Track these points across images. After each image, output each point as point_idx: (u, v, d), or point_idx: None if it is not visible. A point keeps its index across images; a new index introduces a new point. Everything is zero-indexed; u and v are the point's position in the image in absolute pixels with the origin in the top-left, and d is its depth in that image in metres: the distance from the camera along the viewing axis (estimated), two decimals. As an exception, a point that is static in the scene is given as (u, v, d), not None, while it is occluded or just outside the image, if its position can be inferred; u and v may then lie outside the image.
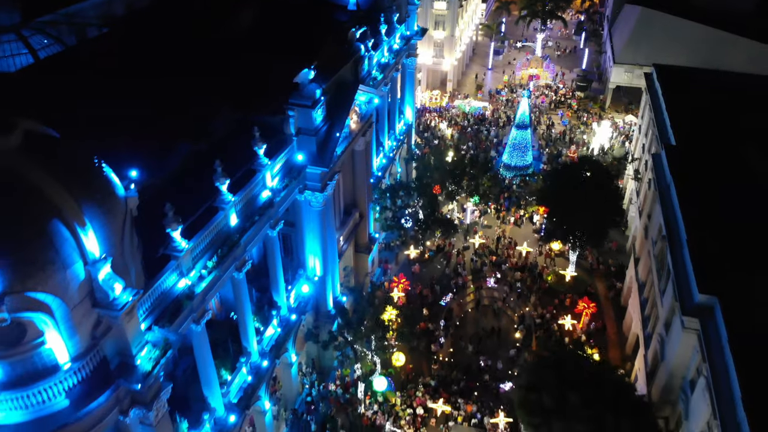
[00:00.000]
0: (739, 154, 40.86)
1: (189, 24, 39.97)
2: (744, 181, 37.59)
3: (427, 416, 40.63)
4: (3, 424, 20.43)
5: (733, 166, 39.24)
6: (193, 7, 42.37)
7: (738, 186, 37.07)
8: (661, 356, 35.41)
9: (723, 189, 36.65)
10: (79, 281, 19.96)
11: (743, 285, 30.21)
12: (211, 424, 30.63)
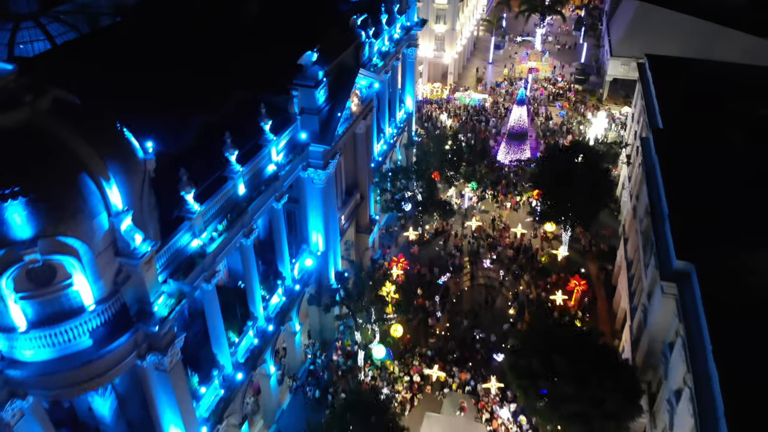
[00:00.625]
0: (724, 137, 42.70)
1: (198, 14, 42.15)
2: (726, 161, 39.43)
3: (423, 383, 42.75)
4: (32, 360, 22.65)
5: (717, 148, 41.05)
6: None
7: (720, 165, 38.92)
8: (644, 324, 37.48)
9: (705, 168, 38.53)
10: (103, 230, 22.17)
11: (718, 253, 32.12)
12: (220, 380, 32.84)
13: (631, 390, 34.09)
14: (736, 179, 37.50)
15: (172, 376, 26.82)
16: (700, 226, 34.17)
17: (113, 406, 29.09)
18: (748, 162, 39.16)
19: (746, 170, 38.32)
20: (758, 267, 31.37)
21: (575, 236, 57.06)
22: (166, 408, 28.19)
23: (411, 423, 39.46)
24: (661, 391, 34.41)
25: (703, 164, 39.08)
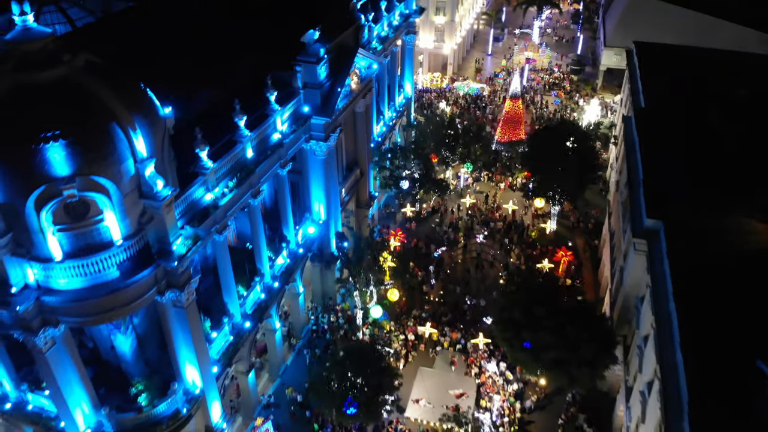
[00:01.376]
0: (702, 116, 45.58)
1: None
2: (701, 135, 42.31)
3: (417, 342, 45.87)
4: (65, 289, 25.88)
5: (694, 125, 43.89)
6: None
7: (695, 139, 41.82)
8: (621, 282, 40.52)
9: (681, 141, 41.50)
10: (130, 174, 25.39)
11: (684, 214, 35.12)
12: (229, 327, 36.05)
13: (606, 339, 37.16)
14: (708, 151, 40.39)
15: (188, 313, 30.01)
16: (671, 190, 37.18)
17: (133, 345, 32.28)
18: (721, 136, 42.05)
19: (718, 143, 41.24)
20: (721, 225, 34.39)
21: (564, 213, 60.12)
22: (182, 346, 31.37)
23: (406, 377, 42.65)
24: (633, 340, 37.45)
25: (679, 138, 42.12)
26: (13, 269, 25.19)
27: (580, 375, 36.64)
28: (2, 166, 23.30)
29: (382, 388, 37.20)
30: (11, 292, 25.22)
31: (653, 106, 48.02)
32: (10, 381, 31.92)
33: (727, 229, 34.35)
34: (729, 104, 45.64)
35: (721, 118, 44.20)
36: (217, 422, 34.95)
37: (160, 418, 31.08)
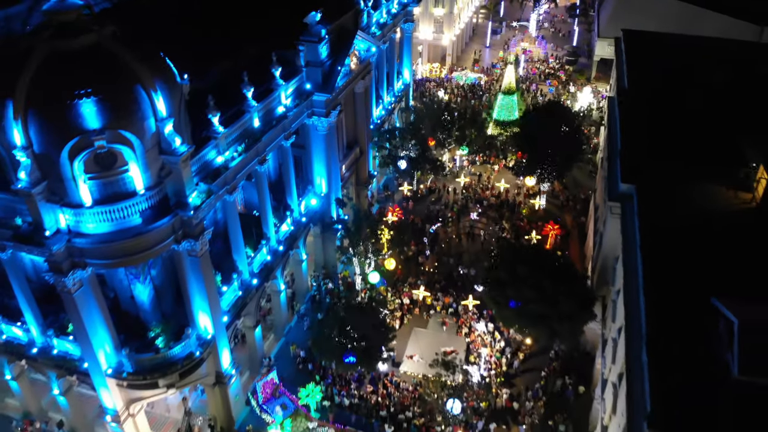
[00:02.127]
0: (680, 95, 48.46)
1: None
2: (677, 113, 45.15)
3: (412, 306, 49.05)
4: (94, 233, 29.16)
5: (671, 104, 46.72)
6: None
7: (672, 116, 44.69)
8: (600, 247, 43.61)
9: (659, 118, 44.40)
10: (152, 131, 28.68)
11: (655, 180, 38.08)
12: (238, 283, 39.31)
13: (585, 296, 40.32)
14: (682, 127, 43.25)
15: (202, 262, 33.27)
16: (645, 159, 40.16)
17: (151, 295, 35.57)
18: (695, 114, 44.97)
19: (692, 120, 44.14)
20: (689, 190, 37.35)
21: (555, 193, 63.23)
22: (196, 294, 34.64)
23: (401, 337, 45.93)
24: (609, 297, 40.55)
25: (657, 115, 45.00)
26: (47, 215, 28.50)
27: (561, 329, 39.77)
28: (41, 120, 26.59)
29: (378, 340, 40.41)
30: (45, 235, 28.50)
31: (634, 86, 51.00)
32: (37, 327, 35.20)
33: (694, 193, 37.31)
34: (706, 86, 48.54)
35: (696, 98, 47.16)
36: (227, 368, 38.20)
37: (175, 360, 34.35)
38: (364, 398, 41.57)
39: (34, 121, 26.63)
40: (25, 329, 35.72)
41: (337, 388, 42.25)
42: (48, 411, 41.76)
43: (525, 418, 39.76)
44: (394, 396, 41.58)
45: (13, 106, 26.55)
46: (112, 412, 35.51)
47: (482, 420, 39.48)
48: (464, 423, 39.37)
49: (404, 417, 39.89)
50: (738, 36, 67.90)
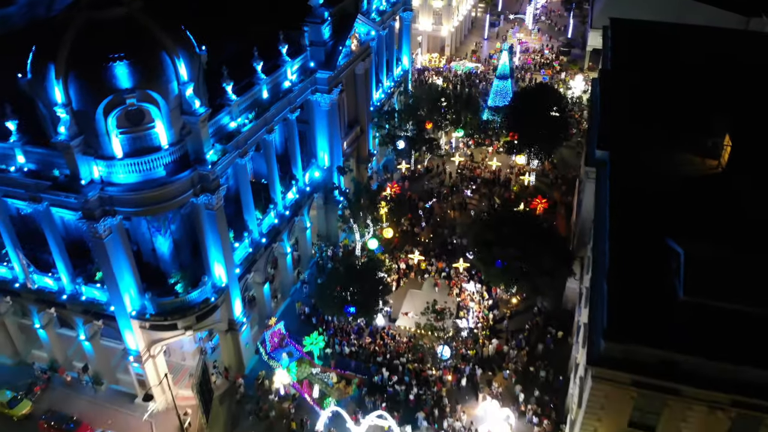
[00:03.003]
0: (655, 75, 52.17)
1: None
2: (653, 89, 48.77)
3: (408, 271, 52.89)
4: (123, 182, 33.09)
5: (650, 83, 50.22)
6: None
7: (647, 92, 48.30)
8: (579, 211, 47.36)
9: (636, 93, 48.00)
10: (174, 93, 32.60)
11: (628, 147, 41.75)
12: (248, 240, 43.22)
13: (564, 254, 44.11)
14: (659, 102, 46.83)
15: (217, 215, 37.16)
16: (621, 129, 43.85)
17: (170, 247, 39.49)
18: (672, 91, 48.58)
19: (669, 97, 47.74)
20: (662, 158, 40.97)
21: (545, 172, 66.99)
22: (212, 245, 38.52)
23: (397, 297, 49.86)
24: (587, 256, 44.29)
25: (634, 92, 48.55)
26: (83, 166, 32.45)
27: (542, 283, 43.61)
28: (80, 81, 30.55)
29: (376, 294, 44.33)
30: (82, 184, 32.45)
31: (616, 68, 54.70)
32: (67, 276, 39.14)
33: (664, 160, 40.96)
34: (683, 67, 52.17)
35: (673, 78, 50.82)
36: (239, 316, 42.10)
37: (193, 304, 38.29)
38: (363, 347, 45.42)
39: (74, 81, 30.58)
40: (56, 278, 39.62)
41: (338, 339, 46.11)
42: (72, 360, 45.67)
43: (509, 365, 43.52)
44: (390, 345, 45.42)
45: (55, 69, 30.50)
46: (135, 353, 39.44)
47: (469, 365, 43.24)
48: (453, 368, 43.18)
49: (399, 362, 43.71)
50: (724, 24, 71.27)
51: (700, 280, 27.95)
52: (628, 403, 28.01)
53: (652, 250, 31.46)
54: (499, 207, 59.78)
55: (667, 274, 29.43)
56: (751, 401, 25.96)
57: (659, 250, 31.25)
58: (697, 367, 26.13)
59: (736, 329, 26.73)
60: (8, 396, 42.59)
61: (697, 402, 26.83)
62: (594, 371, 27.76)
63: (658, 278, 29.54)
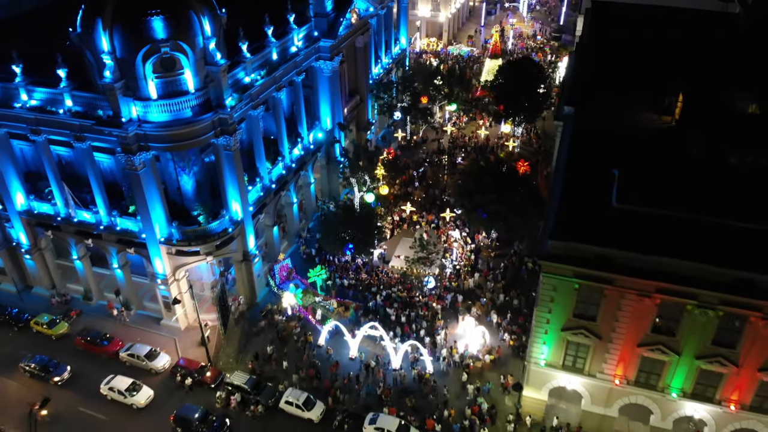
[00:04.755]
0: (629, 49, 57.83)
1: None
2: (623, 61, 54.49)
3: (401, 223, 59.06)
4: (157, 121, 39.36)
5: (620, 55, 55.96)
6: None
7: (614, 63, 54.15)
8: (552, 163, 53.32)
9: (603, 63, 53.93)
10: (200, 46, 38.82)
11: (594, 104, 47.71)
12: (260, 186, 49.40)
13: (536, 198, 50.15)
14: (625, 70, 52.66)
15: (234, 155, 43.35)
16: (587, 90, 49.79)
17: (193, 186, 45.73)
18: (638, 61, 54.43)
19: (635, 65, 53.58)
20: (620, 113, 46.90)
21: (530, 142, 73.02)
22: (229, 183, 44.70)
23: (391, 244, 55.96)
24: (557, 201, 50.30)
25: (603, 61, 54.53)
26: (124, 106, 38.73)
27: (514, 222, 49.65)
28: (123, 32, 36.87)
29: (372, 234, 50.59)
30: (122, 121, 38.75)
31: (591, 42, 60.62)
32: (104, 209, 45.39)
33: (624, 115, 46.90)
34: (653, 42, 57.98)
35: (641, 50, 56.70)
36: (252, 248, 48.33)
37: (213, 232, 44.59)
38: (360, 281, 51.66)
39: (118, 32, 36.88)
40: (94, 212, 45.86)
41: (339, 274, 52.33)
42: (104, 292, 51.99)
43: (486, 294, 49.64)
44: (383, 279, 51.63)
45: (102, 22, 36.80)
46: (162, 276, 45.74)
47: (451, 294, 49.41)
48: (437, 296, 49.36)
49: (390, 292, 49.92)
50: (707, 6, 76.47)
51: (629, 191, 34.12)
52: (572, 294, 34.12)
53: (599, 177, 37.45)
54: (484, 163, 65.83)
55: (606, 192, 35.48)
56: (671, 287, 31.97)
57: (605, 177, 37.22)
58: (626, 260, 32.20)
59: (657, 229, 32.85)
60: (46, 319, 48.93)
61: (628, 291, 32.89)
62: (543, 266, 33.87)
63: (600, 195, 35.62)
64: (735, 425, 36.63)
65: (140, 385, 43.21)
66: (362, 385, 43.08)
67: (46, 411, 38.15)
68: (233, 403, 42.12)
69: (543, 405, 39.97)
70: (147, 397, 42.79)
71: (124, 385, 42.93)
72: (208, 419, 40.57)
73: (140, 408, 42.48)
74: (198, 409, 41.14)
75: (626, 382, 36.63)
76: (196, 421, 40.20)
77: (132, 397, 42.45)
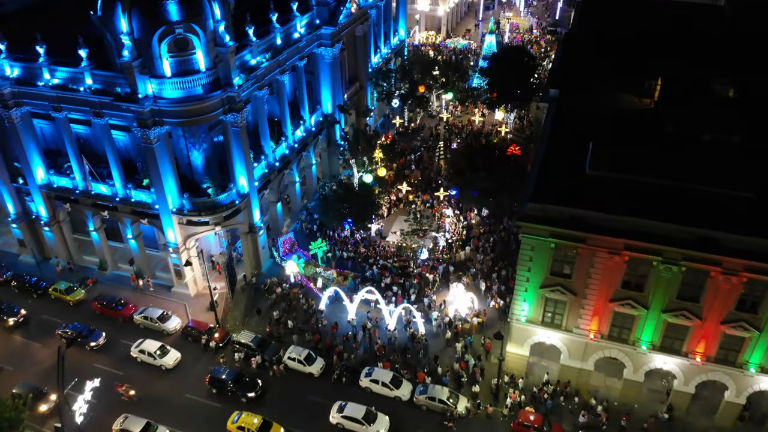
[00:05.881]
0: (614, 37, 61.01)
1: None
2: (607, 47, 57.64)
3: (398, 202, 62.38)
4: (171, 96, 42.73)
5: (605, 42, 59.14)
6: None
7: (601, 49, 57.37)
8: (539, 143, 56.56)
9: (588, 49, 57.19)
10: (211, 28, 42.19)
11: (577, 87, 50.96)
12: (265, 163, 52.76)
13: (524, 177, 53.39)
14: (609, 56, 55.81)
15: (241, 132, 46.70)
16: (572, 74, 53.06)
17: (203, 162, 49.10)
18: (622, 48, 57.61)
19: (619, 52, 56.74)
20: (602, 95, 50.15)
21: (522, 129, 76.29)
22: (236, 159, 48.05)
23: (388, 222, 59.32)
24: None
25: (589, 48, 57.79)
26: (140, 83, 42.11)
27: (503, 198, 52.95)
28: (142, 15, 40.27)
29: (370, 210, 53.97)
30: (139, 97, 42.13)
31: (577, 31, 64.02)
32: (120, 182, 48.78)
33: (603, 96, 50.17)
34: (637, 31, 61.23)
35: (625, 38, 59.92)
36: (257, 221, 51.68)
37: (221, 204, 47.98)
38: (358, 253, 55.01)
39: (136, 15, 40.26)
40: (110, 185, 49.25)
41: (338, 248, 55.70)
42: (118, 262, 55.40)
43: (476, 264, 52.97)
44: (380, 252, 55.00)
45: (121, 5, 40.17)
46: (174, 245, 49.11)
47: (443, 265, 52.75)
48: (430, 266, 52.70)
49: (386, 263, 53.26)
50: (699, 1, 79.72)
51: (601, 159, 37.40)
52: (549, 253, 37.44)
53: (576, 150, 40.72)
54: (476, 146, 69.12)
55: (582, 162, 38.80)
56: (638, 245, 35.23)
57: (582, 151, 40.47)
58: (597, 220, 35.50)
59: (626, 193, 36.18)
60: (63, 286, 52.35)
61: (600, 249, 36.19)
62: (522, 227, 37.19)
63: (576, 165, 38.95)
64: (702, 377, 39.85)
65: (168, 348, 46.25)
66: (359, 344, 46.45)
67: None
68: (254, 364, 45.21)
69: (525, 360, 43.28)
70: (175, 359, 45.81)
71: (153, 347, 46.00)
72: (242, 380, 43.52)
73: (168, 369, 45.45)
74: (231, 370, 44.06)
75: (600, 337, 39.92)
76: (230, 382, 43.10)
77: (161, 358, 45.54)
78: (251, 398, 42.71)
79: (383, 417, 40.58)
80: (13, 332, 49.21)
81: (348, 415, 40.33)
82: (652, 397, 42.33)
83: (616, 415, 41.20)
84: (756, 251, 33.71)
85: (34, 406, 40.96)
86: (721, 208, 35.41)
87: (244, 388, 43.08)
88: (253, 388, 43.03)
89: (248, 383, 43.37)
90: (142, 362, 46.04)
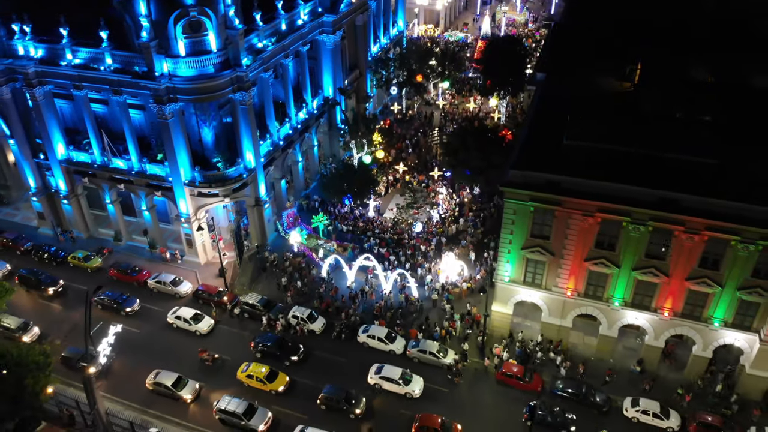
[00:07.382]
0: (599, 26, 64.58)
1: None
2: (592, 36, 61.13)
3: (395, 182, 66.07)
4: (185, 75, 46.43)
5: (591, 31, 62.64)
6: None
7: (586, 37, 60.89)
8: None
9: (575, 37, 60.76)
10: (222, 12, 45.90)
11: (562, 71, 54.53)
12: (270, 141, 56.48)
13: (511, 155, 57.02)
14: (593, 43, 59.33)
15: (248, 110, 50.41)
16: (558, 59, 56.66)
17: (213, 138, 52.83)
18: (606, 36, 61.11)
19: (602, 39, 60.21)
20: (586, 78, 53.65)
21: (514, 115, 79.92)
22: (244, 135, 51.76)
23: (385, 200, 63.03)
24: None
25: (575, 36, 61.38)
26: (157, 62, 45.86)
27: (493, 176, 56.52)
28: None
29: (368, 186, 57.70)
30: (156, 75, 45.88)
31: (565, 21, 67.66)
32: (135, 156, 52.53)
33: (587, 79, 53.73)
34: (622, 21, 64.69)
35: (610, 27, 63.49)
36: (263, 195, 55.41)
37: (230, 177, 51.75)
38: (357, 227, 58.75)
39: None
40: (126, 159, 53.02)
41: (339, 222, 59.44)
42: (132, 234, 59.15)
43: (467, 237, 56.66)
44: (377, 226, 58.73)
45: (141, -10, 43.93)
46: (185, 215, 52.85)
47: (436, 237, 56.47)
48: (424, 238, 56.40)
49: (384, 236, 56.99)
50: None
51: (577, 130, 41.07)
52: (529, 216, 41.12)
53: (557, 126, 44.21)
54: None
55: (560, 135, 42.45)
56: (609, 206, 38.88)
57: (562, 126, 44.02)
58: (572, 185, 39.17)
59: (599, 160, 39.81)
60: (81, 255, 56.13)
61: (574, 211, 39.85)
62: (505, 192, 40.87)
63: (555, 138, 42.58)
64: (670, 331, 43.51)
65: (202, 315, 49.48)
66: (358, 305, 50.22)
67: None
68: (278, 327, 48.41)
69: (509, 319, 46.97)
70: (208, 325, 49.03)
71: (188, 314, 49.30)
72: (285, 345, 46.39)
73: (203, 335, 48.66)
74: (271, 335, 47.19)
75: (577, 294, 43.60)
76: (274, 347, 46.07)
77: (196, 324, 48.87)
78: (294, 362, 45.51)
79: (418, 378, 43.78)
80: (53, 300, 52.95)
81: (386, 375, 43.47)
82: (625, 354, 45.98)
83: (594, 369, 44.81)
84: (716, 212, 37.28)
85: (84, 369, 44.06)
86: (687, 174, 38.93)
87: (287, 352, 45.88)
88: (296, 352, 45.98)
89: (291, 348, 46.14)
90: (178, 327, 49.22)
